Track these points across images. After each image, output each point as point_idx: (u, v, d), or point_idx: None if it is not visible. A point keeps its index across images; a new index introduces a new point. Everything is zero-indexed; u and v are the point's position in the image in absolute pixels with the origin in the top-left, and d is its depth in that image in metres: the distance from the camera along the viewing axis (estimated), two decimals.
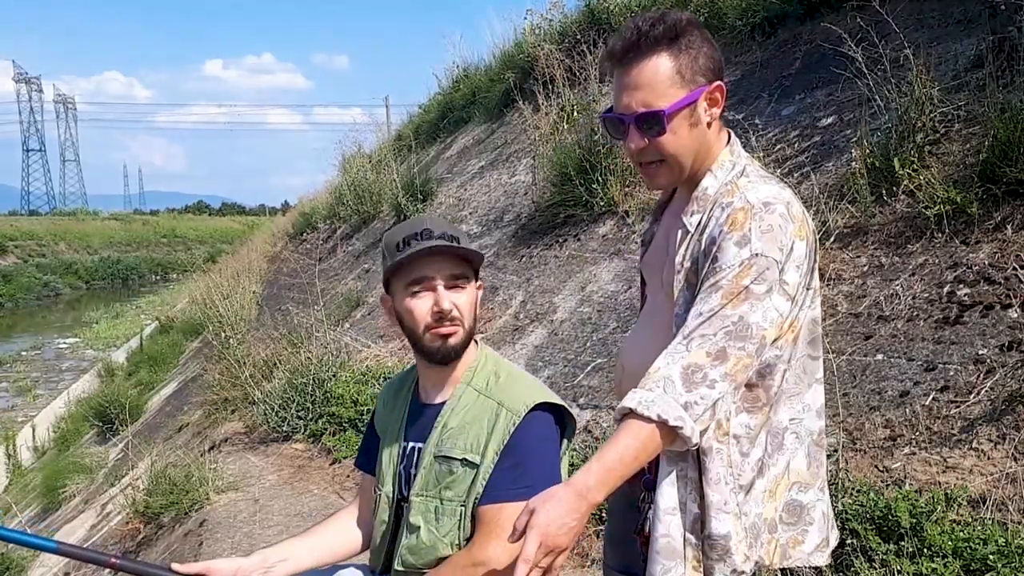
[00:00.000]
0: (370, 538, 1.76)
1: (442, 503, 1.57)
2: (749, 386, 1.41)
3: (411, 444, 1.67)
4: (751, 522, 1.42)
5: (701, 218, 1.43)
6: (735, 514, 1.40)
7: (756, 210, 1.36)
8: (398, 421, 1.72)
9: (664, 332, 1.44)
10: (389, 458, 1.70)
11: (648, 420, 1.28)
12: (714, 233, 1.38)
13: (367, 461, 1.81)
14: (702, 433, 1.31)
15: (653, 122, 1.41)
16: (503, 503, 1.51)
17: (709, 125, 1.45)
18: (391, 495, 1.68)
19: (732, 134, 1.52)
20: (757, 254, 1.33)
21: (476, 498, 1.54)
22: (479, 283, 1.66)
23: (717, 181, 1.45)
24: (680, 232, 1.46)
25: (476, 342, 1.68)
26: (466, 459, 1.55)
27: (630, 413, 1.30)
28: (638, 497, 1.50)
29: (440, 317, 1.56)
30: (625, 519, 1.57)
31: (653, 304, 1.60)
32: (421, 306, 1.57)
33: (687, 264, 1.43)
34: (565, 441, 1.64)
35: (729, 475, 1.40)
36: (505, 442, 1.54)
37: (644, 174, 1.51)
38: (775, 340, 1.37)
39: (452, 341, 1.58)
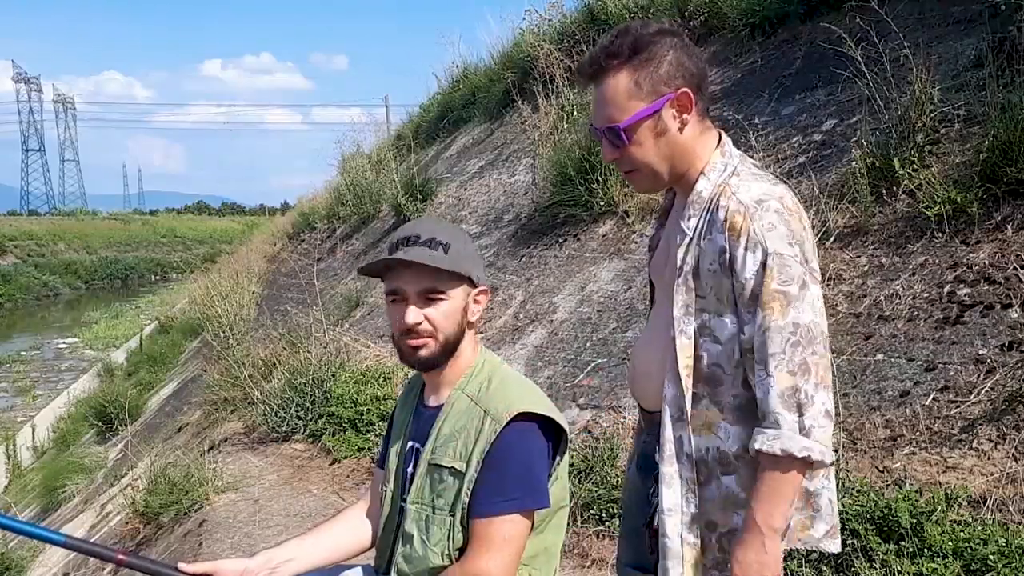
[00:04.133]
0: (378, 533, 1.76)
1: (434, 512, 1.57)
2: (712, 368, 1.45)
3: (411, 444, 1.68)
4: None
5: (698, 221, 1.45)
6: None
7: (751, 211, 1.38)
8: (406, 421, 1.73)
9: (669, 334, 1.47)
10: (396, 457, 1.71)
11: (774, 456, 1.34)
12: (719, 242, 1.41)
13: (383, 457, 1.81)
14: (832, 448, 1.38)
15: (616, 136, 1.46)
16: (491, 517, 1.50)
17: (682, 130, 1.47)
18: (394, 494, 1.68)
19: (723, 134, 1.54)
20: (770, 254, 1.36)
21: (463, 508, 1.53)
22: (478, 288, 1.62)
23: (710, 183, 1.47)
24: (679, 236, 1.48)
25: (478, 345, 1.67)
26: (454, 467, 1.55)
27: (759, 453, 1.36)
28: (649, 491, 1.51)
29: (407, 331, 1.57)
30: (640, 515, 1.59)
31: (660, 307, 1.61)
32: (395, 315, 1.59)
33: (687, 268, 1.45)
34: (558, 455, 1.59)
35: (717, 455, 1.45)
36: (486, 451, 1.52)
37: (627, 179, 1.58)
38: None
39: (422, 353, 1.58)
